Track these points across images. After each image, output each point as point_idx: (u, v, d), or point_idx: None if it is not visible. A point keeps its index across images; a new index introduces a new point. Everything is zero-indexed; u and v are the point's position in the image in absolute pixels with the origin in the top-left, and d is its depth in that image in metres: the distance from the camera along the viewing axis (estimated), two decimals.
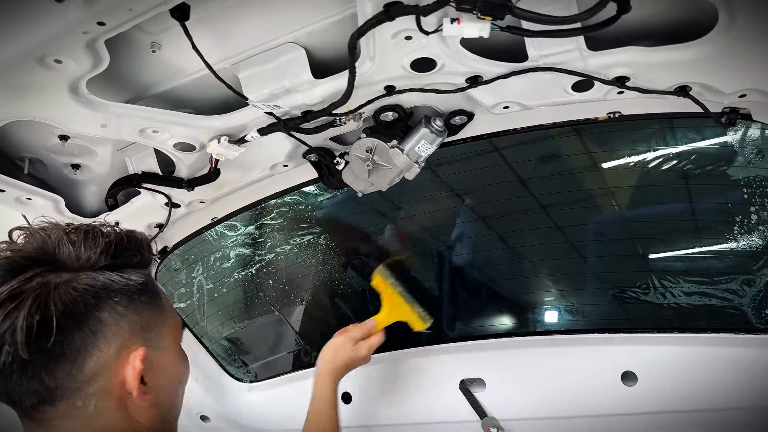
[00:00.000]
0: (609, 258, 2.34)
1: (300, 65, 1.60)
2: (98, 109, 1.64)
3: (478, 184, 2.34)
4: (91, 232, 1.10)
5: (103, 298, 1.06)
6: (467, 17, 1.31)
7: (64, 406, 1.04)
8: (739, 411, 1.99)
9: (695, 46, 1.37)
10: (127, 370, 1.08)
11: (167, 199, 2.18)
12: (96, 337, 1.04)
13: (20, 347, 0.96)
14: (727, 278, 1.99)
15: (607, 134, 1.98)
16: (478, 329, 2.72)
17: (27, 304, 0.97)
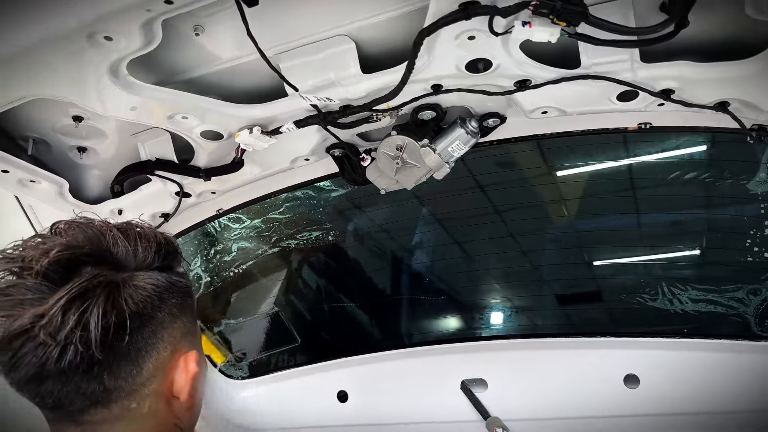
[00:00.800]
0: (620, 265, 2.41)
1: (349, 59, 1.58)
2: (134, 91, 1.57)
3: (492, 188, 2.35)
4: (142, 230, 1.07)
5: (165, 299, 1.05)
6: (540, 21, 1.32)
7: (119, 407, 1.01)
8: (738, 414, 2.09)
9: (746, 64, 1.43)
10: (177, 373, 1.07)
11: (179, 188, 2.10)
12: (156, 339, 1.03)
13: (95, 346, 0.92)
14: (734, 287, 2.08)
15: (633, 144, 2.03)
16: (480, 330, 2.74)
17: (100, 302, 0.93)
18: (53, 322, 0.91)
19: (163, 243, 1.08)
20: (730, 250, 2.11)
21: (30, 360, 0.94)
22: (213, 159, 2.00)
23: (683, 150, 1.94)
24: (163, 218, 2.27)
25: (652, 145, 2.01)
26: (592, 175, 2.23)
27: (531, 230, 2.56)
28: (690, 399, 2.15)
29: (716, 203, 2.10)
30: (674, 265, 2.29)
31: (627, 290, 2.31)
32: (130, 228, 1.06)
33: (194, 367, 1.08)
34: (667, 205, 2.21)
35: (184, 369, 1.07)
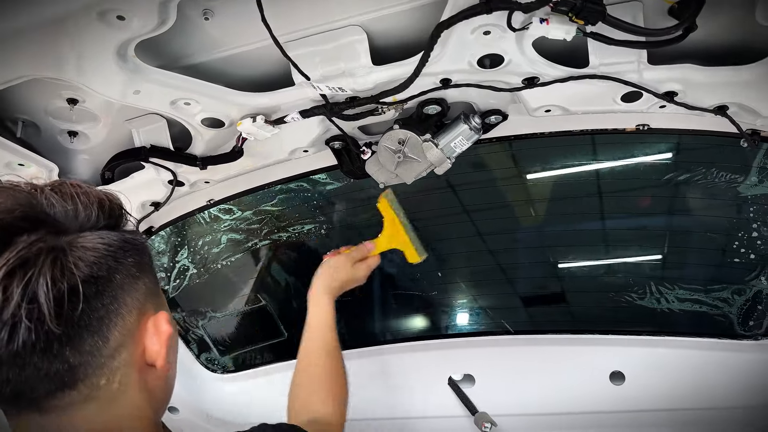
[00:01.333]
0: (609, 264, 2.46)
1: (360, 49, 1.57)
2: (139, 75, 1.53)
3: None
4: (74, 188, 0.95)
5: (121, 259, 0.95)
6: (557, 19, 1.34)
7: (87, 386, 0.91)
8: (719, 410, 2.16)
9: (750, 69, 1.47)
10: (148, 338, 0.99)
11: (173, 176, 2.06)
12: (118, 303, 0.93)
13: (49, 320, 0.82)
14: (720, 287, 2.15)
15: (628, 145, 2.08)
16: (468, 326, 2.77)
17: (46, 270, 0.83)
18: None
19: (105, 199, 0.98)
20: (718, 252, 2.18)
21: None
22: (210, 147, 1.96)
23: (677, 152, 2.00)
24: (153, 207, 2.22)
25: (648, 147, 2.06)
26: (587, 176, 2.27)
27: (521, 228, 2.59)
28: (674, 396, 2.21)
29: (706, 206, 2.17)
30: (663, 265, 2.36)
31: (615, 289, 2.36)
32: (65, 186, 0.95)
33: (167, 328, 1.01)
34: (657, 206, 2.27)
35: (155, 332, 1.00)
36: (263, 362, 2.78)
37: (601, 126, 1.91)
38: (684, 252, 2.33)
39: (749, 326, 2.17)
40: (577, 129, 1.94)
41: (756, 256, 2.06)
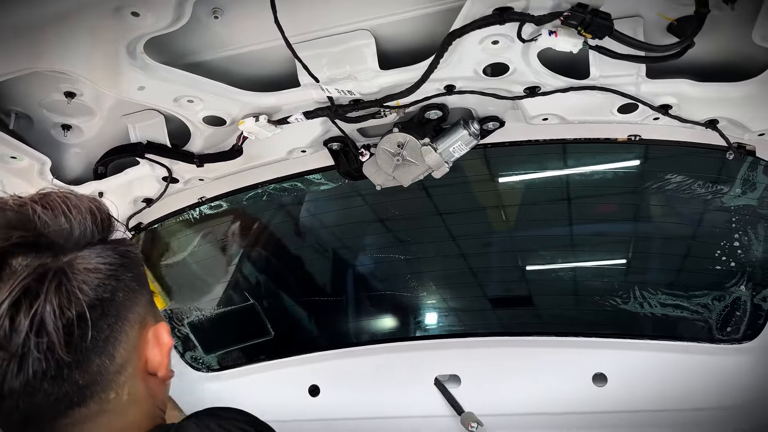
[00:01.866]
0: (595, 268, 2.53)
1: (368, 53, 1.59)
2: (146, 71, 1.52)
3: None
4: (64, 198, 0.91)
5: (121, 277, 0.93)
6: (565, 32, 1.38)
7: (96, 402, 0.90)
8: (698, 411, 2.24)
9: (742, 86, 1.54)
10: (149, 350, 0.99)
11: (168, 173, 2.04)
12: (122, 321, 0.92)
13: (59, 349, 0.81)
14: (702, 293, 2.23)
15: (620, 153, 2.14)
16: (455, 327, 2.81)
17: (52, 298, 0.81)
18: (1, 332, 0.79)
19: (95, 209, 0.94)
20: (701, 259, 2.26)
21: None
22: (208, 145, 1.95)
23: (665, 163, 2.07)
24: (145, 203, 2.20)
25: (638, 156, 2.13)
26: (577, 182, 2.34)
27: (510, 232, 2.64)
28: (654, 397, 2.28)
29: (690, 214, 2.25)
30: (647, 271, 2.43)
31: (600, 293, 2.43)
32: (53, 199, 0.90)
33: (168, 340, 1.01)
34: (643, 215, 2.34)
35: (157, 344, 0.99)
36: (249, 361, 2.77)
37: (594, 135, 1.96)
38: (667, 259, 2.41)
39: (727, 331, 2.26)
40: (571, 137, 1.99)
41: (736, 264, 2.15)
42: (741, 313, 2.21)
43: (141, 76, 1.53)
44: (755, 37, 1.36)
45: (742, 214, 2.06)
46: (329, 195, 2.46)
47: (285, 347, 2.77)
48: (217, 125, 1.81)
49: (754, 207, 2.02)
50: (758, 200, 2.00)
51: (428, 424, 2.52)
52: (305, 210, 2.69)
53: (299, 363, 2.72)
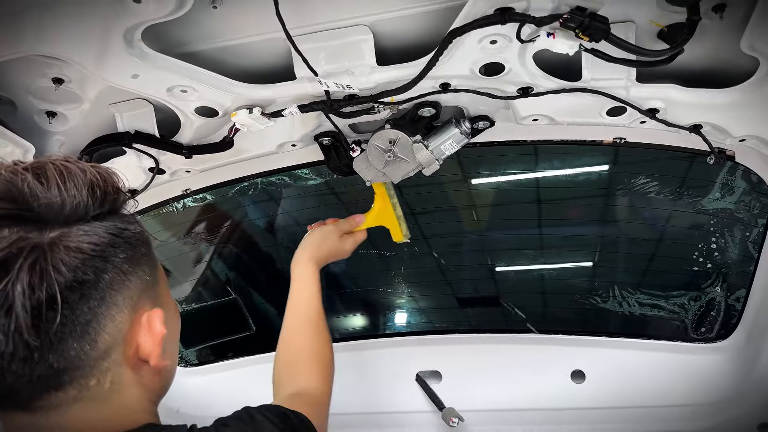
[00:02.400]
0: (576, 268, 2.59)
1: (366, 49, 1.59)
2: (142, 59, 1.51)
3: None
4: (61, 169, 0.86)
5: (110, 258, 0.88)
6: (563, 34, 1.41)
7: (75, 388, 0.87)
8: (673, 408, 2.31)
9: (727, 93, 1.59)
10: (141, 336, 0.94)
11: (155, 163, 2.02)
12: (107, 305, 0.87)
13: (26, 332, 0.77)
14: (679, 293, 2.30)
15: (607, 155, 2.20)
16: (436, 324, 2.83)
17: (23, 277, 0.77)
18: None
19: (97, 181, 0.89)
20: (679, 260, 2.33)
21: None
22: (197, 136, 1.93)
23: (649, 165, 2.13)
24: (130, 194, 2.15)
25: (621, 159, 2.19)
26: (559, 183, 2.38)
27: (490, 230, 2.68)
28: (631, 394, 2.35)
29: (669, 216, 2.32)
30: (626, 270, 2.50)
31: (580, 291, 2.49)
32: (49, 170, 0.85)
33: (161, 329, 0.95)
34: (622, 216, 2.41)
35: (149, 331, 0.95)
36: (230, 356, 2.75)
37: (581, 137, 2.00)
38: (646, 259, 2.48)
39: (702, 331, 2.34)
40: (558, 139, 2.03)
41: (713, 266, 2.23)
42: (715, 313, 2.29)
43: (136, 64, 1.51)
44: (743, 45, 1.41)
45: (719, 217, 2.13)
46: (317, 190, 2.46)
47: (266, 342, 2.76)
48: (209, 116, 1.80)
49: (731, 210, 2.10)
50: (735, 204, 2.08)
51: (409, 420, 2.54)
52: (291, 205, 2.69)
53: None
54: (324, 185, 2.45)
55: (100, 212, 0.89)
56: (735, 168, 2.00)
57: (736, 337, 2.22)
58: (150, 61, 1.52)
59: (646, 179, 2.16)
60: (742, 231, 2.12)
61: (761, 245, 2.01)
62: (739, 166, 1.92)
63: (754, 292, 2.11)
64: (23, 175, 0.83)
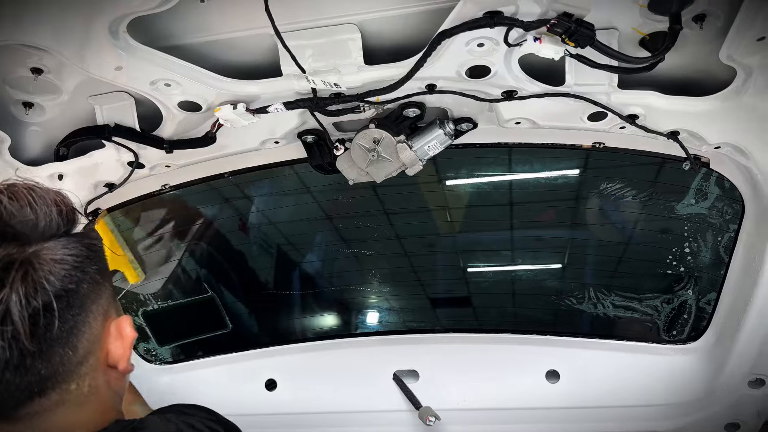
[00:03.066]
0: (553, 269, 2.62)
1: (354, 48, 1.60)
2: (127, 51, 1.49)
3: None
4: (29, 192, 0.91)
5: (86, 269, 0.93)
6: (550, 39, 1.43)
7: (58, 393, 0.91)
8: (644, 408, 2.37)
9: (704, 101, 1.64)
10: (111, 342, 0.99)
11: (134, 157, 1.99)
12: (85, 313, 0.93)
13: (24, 338, 0.81)
14: (652, 296, 2.35)
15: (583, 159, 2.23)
16: (413, 323, 2.84)
17: (18, 288, 0.81)
18: None
19: (60, 200, 0.94)
20: (654, 263, 2.38)
21: None
22: (179, 131, 1.91)
23: (629, 171, 2.17)
24: (107, 188, 2.12)
25: (603, 164, 2.23)
26: (538, 187, 2.42)
27: (469, 232, 2.70)
28: (604, 394, 2.39)
29: (644, 220, 2.37)
30: (602, 273, 2.55)
31: (557, 293, 2.53)
32: (18, 191, 0.90)
33: (131, 332, 1.01)
34: (599, 220, 2.45)
35: (119, 336, 1.00)
36: (204, 354, 2.72)
37: (562, 141, 2.04)
38: (622, 262, 2.53)
39: (673, 333, 2.39)
40: (539, 142, 2.06)
41: (685, 270, 2.29)
42: (687, 316, 2.35)
43: (120, 56, 1.49)
44: (722, 55, 1.45)
45: (693, 222, 2.19)
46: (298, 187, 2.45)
47: (242, 341, 2.74)
48: (192, 111, 1.78)
49: (705, 216, 2.16)
50: (708, 209, 2.14)
51: (387, 419, 2.55)
52: (267, 203, 2.67)
53: (256, 357, 2.69)
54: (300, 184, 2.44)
55: (68, 228, 0.95)
56: (709, 174, 2.05)
57: (706, 339, 2.28)
58: (135, 53, 1.50)
59: (622, 184, 2.21)
60: (714, 236, 2.18)
61: (732, 250, 2.06)
62: (713, 173, 1.97)
63: (724, 296, 2.16)
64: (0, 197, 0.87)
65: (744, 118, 1.65)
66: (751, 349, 2.09)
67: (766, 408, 2.23)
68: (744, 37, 1.38)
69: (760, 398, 2.21)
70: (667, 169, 2.12)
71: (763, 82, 1.52)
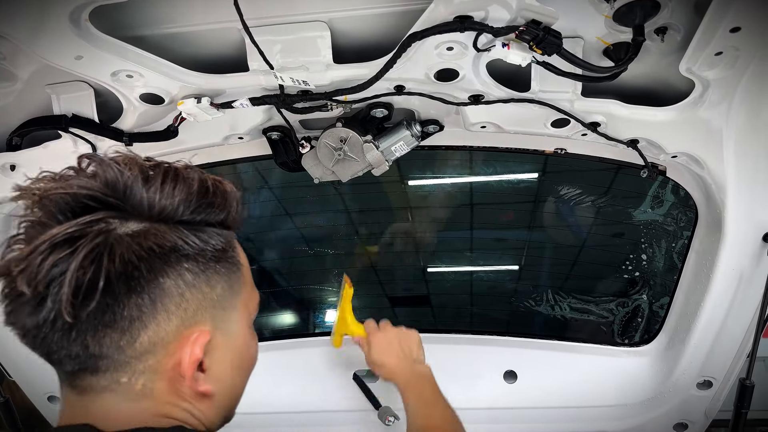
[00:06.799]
0: (513, 271, 2.66)
1: (323, 46, 1.58)
2: (88, 40, 1.44)
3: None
4: (172, 173, 0.91)
5: (172, 263, 0.89)
6: (518, 46, 1.45)
7: (107, 379, 0.89)
8: (599, 409, 2.43)
9: (664, 111, 1.69)
10: (185, 353, 0.91)
11: (92, 149, 1.92)
12: (155, 308, 0.88)
13: (64, 306, 0.80)
14: (608, 299, 2.42)
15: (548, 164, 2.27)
16: None
17: (81, 254, 0.81)
18: (30, 269, 0.81)
19: (200, 193, 0.92)
20: (610, 267, 2.44)
21: (10, 307, 0.85)
22: (139, 123, 1.86)
23: (586, 177, 2.22)
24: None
25: (564, 169, 2.27)
26: (502, 189, 2.45)
27: (430, 233, 2.72)
28: (560, 394, 2.44)
29: (603, 225, 2.43)
30: (560, 276, 2.60)
31: (515, 294, 2.57)
32: (160, 169, 0.91)
33: (198, 352, 0.92)
34: (559, 224, 2.50)
35: (190, 350, 0.92)
36: None
37: (525, 146, 2.07)
38: (579, 266, 2.59)
39: (627, 336, 2.46)
40: (503, 146, 2.09)
41: (640, 274, 2.35)
42: (640, 319, 2.42)
43: (81, 45, 1.43)
44: (681, 67, 1.50)
45: (649, 228, 2.26)
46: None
47: None
48: (154, 103, 1.73)
49: (660, 222, 2.22)
50: (664, 216, 2.21)
51: (346, 418, 2.54)
52: None
53: None
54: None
55: (190, 220, 0.92)
56: (666, 182, 2.11)
57: (659, 342, 2.35)
58: (96, 42, 1.45)
59: (581, 189, 2.26)
60: (668, 242, 2.25)
61: (685, 256, 2.13)
62: (669, 181, 2.03)
63: (676, 300, 2.24)
64: (132, 170, 0.88)
65: (700, 129, 1.71)
66: (701, 352, 2.16)
67: (713, 408, 2.32)
68: (703, 50, 1.42)
69: (708, 399, 2.29)
70: (624, 176, 2.18)
71: (718, 96, 1.58)
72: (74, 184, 0.86)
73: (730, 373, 2.20)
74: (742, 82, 1.54)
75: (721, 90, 1.56)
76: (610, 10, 1.44)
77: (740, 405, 2.07)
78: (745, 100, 1.59)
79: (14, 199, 0.88)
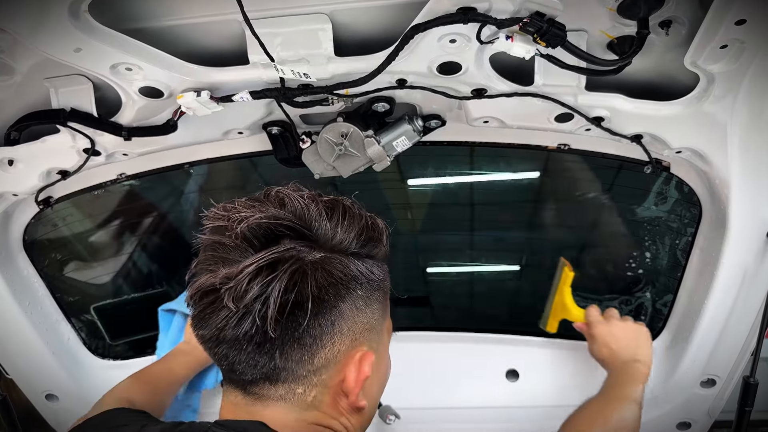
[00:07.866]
0: (515, 271, 2.64)
1: (324, 38, 1.56)
2: (87, 32, 1.42)
3: None
4: (348, 211, 1.05)
5: (351, 289, 1.02)
6: (521, 38, 1.43)
7: (285, 389, 1.01)
8: None
9: (669, 106, 1.67)
10: (349, 371, 1.05)
11: (91, 144, 1.91)
12: (333, 329, 1.00)
13: (269, 323, 0.93)
14: (611, 297, 2.39)
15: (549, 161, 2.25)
16: None
17: (284, 278, 0.93)
18: (238, 288, 0.92)
19: (366, 228, 1.06)
20: (613, 265, 2.42)
21: (212, 320, 0.96)
22: (138, 118, 1.84)
23: (591, 174, 2.21)
24: (60, 175, 2.04)
25: (566, 166, 2.25)
26: (502, 187, 2.43)
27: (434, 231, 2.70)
28: (562, 393, 2.42)
29: (605, 222, 2.41)
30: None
31: (517, 293, 2.55)
32: (337, 205, 1.04)
33: (367, 370, 1.05)
34: (561, 221, 2.49)
35: (357, 369, 1.05)
36: (141, 352, 2.63)
37: (528, 142, 2.05)
38: (583, 264, 2.56)
39: None
40: (506, 142, 2.07)
41: (644, 272, 2.33)
42: (644, 317, 2.40)
43: (80, 38, 1.41)
44: (686, 61, 1.48)
45: (652, 225, 2.24)
46: None
47: None
48: (153, 97, 1.71)
49: (664, 219, 2.20)
50: (667, 213, 2.19)
51: None
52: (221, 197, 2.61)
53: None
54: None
55: (359, 252, 1.05)
56: (669, 178, 2.09)
57: (662, 340, 2.33)
58: (96, 35, 1.43)
59: (584, 186, 2.24)
60: (672, 239, 2.23)
61: (689, 253, 2.11)
62: (673, 177, 2.02)
63: (680, 298, 2.21)
64: (318, 204, 1.02)
65: (705, 124, 1.69)
66: (704, 350, 2.14)
67: (716, 407, 2.30)
68: (708, 43, 1.41)
69: (711, 398, 2.27)
70: (627, 172, 2.16)
71: (723, 90, 1.56)
72: (271, 215, 0.99)
73: (733, 371, 2.18)
74: (747, 75, 1.52)
75: (726, 84, 1.54)
76: (614, 2, 1.43)
77: (744, 403, 2.05)
78: (750, 94, 1.58)
79: (213, 229, 1.00)
